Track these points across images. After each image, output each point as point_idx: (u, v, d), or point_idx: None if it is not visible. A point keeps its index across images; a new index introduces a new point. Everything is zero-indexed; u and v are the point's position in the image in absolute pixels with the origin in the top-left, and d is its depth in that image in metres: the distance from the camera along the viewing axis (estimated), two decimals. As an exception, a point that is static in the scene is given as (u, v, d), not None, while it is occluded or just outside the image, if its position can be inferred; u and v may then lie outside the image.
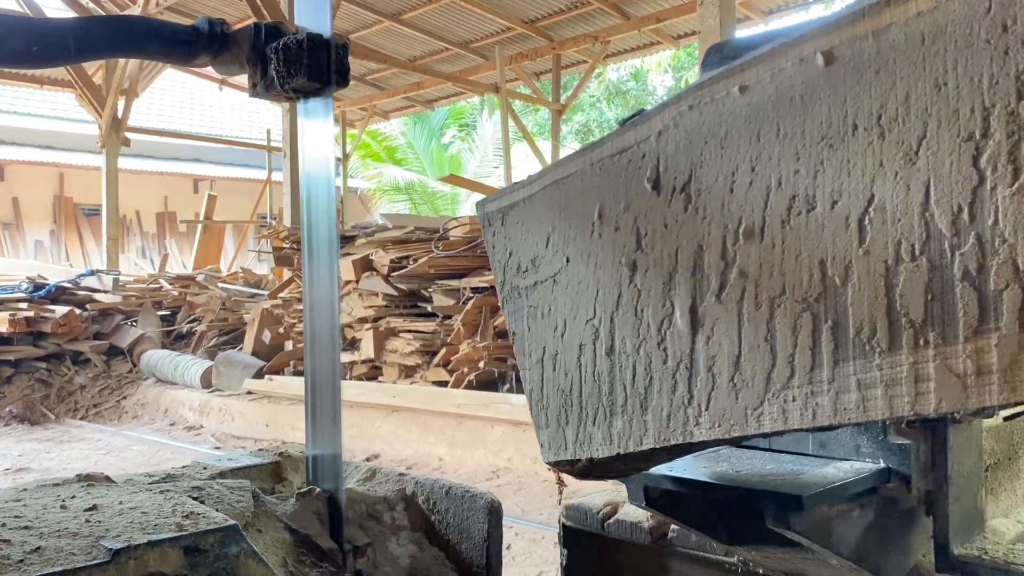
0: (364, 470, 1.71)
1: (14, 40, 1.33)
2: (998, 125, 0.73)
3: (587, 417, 1.07)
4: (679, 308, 0.95)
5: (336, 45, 1.46)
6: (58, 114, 19.34)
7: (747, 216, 0.89)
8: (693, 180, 0.94)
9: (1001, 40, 0.73)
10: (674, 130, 0.96)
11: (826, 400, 0.84)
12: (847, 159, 0.82)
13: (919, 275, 0.78)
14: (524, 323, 1.17)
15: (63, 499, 1.28)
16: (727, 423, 0.91)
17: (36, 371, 10.72)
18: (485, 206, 1.23)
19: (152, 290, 12.69)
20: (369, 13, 12.99)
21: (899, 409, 0.79)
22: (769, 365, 0.88)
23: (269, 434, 8.43)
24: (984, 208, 0.74)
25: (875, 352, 0.81)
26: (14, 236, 18.50)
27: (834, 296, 0.83)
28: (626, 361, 1.01)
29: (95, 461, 7.74)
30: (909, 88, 0.78)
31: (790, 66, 0.86)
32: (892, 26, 0.79)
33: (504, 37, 13.43)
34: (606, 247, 1.04)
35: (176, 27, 1.49)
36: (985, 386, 0.74)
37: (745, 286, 0.90)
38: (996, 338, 0.73)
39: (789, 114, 0.86)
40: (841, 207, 0.82)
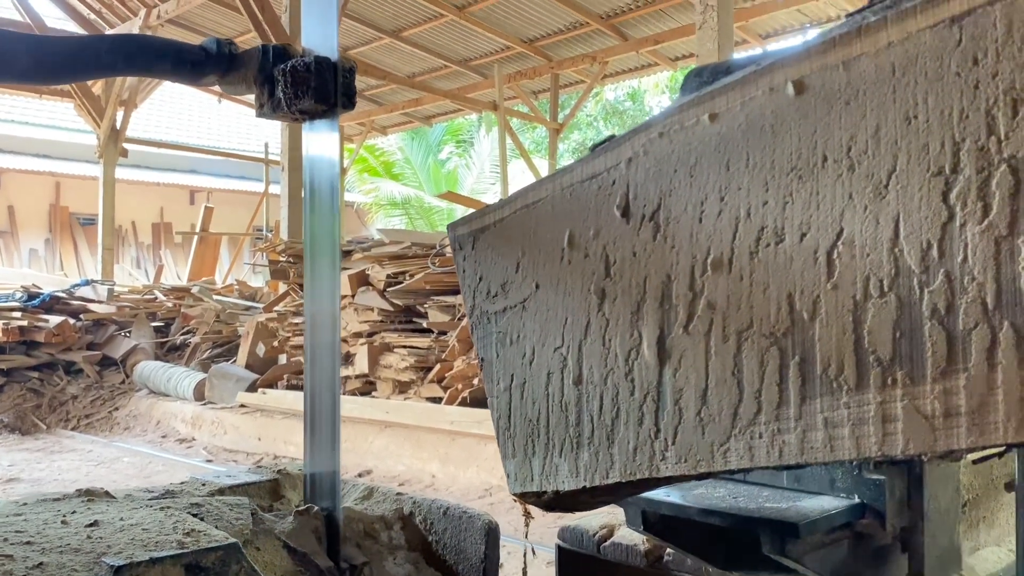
0: (361, 488, 1.71)
1: (23, 59, 1.34)
2: (968, 160, 0.71)
3: (554, 448, 1.05)
4: (647, 339, 0.93)
5: (343, 68, 1.46)
6: (56, 123, 19.36)
7: (715, 247, 0.87)
8: (662, 208, 0.92)
9: (971, 74, 0.71)
10: (644, 157, 0.93)
11: (793, 438, 0.81)
12: (816, 191, 0.80)
13: (887, 312, 0.75)
14: (493, 349, 1.15)
15: (64, 514, 1.29)
16: (693, 458, 0.88)
17: (28, 380, 10.67)
18: (456, 229, 1.21)
19: (146, 301, 12.65)
20: (370, 30, 13.04)
21: (866, 449, 0.76)
22: (736, 400, 0.85)
23: (261, 448, 8.38)
24: (953, 245, 0.72)
25: (842, 390, 0.78)
26: (9, 244, 18.46)
27: (802, 331, 0.81)
28: (593, 391, 0.99)
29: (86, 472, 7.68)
30: (879, 120, 0.76)
31: (760, 95, 0.84)
32: (862, 56, 0.77)
33: (503, 56, 13.49)
34: (575, 274, 1.01)
35: (184, 47, 1.50)
36: (953, 428, 0.72)
37: (713, 318, 0.87)
38: (964, 379, 0.71)
39: (759, 144, 0.84)
40: (810, 240, 0.80)
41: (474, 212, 1.19)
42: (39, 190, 18.93)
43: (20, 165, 18.32)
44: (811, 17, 11.65)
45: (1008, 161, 0.69)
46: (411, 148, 22.48)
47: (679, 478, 0.91)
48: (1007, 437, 0.69)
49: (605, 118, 26.26)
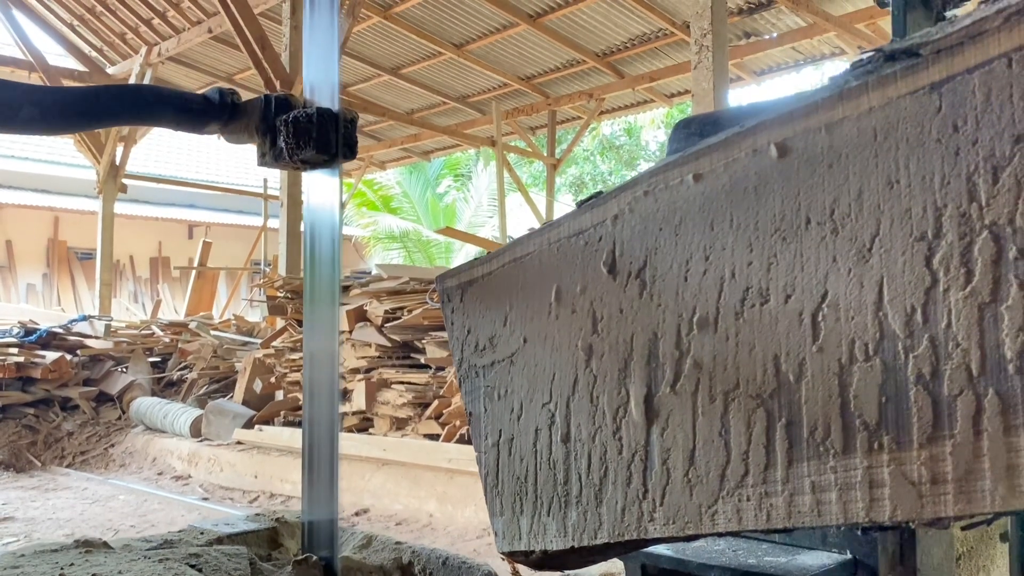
0: (360, 537, 1.70)
1: (27, 109, 1.36)
2: (950, 226, 0.71)
3: (542, 506, 1.04)
4: (634, 397, 0.93)
5: (345, 119, 1.47)
6: (55, 159, 19.48)
7: (701, 306, 0.87)
8: (648, 266, 0.92)
9: (952, 140, 0.71)
10: (630, 215, 0.94)
11: (780, 501, 0.80)
12: (800, 253, 0.80)
13: (873, 376, 0.75)
14: (481, 404, 1.14)
15: (61, 567, 1.28)
16: (682, 520, 0.88)
17: (24, 417, 10.61)
18: (445, 281, 1.21)
19: (144, 336, 12.63)
20: (369, 67, 13.16)
21: (854, 515, 0.76)
22: (724, 462, 0.85)
23: (258, 485, 8.32)
24: (937, 310, 0.72)
25: (829, 454, 0.78)
26: (6, 279, 18.46)
27: (788, 393, 0.80)
28: (581, 449, 0.98)
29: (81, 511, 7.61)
30: (862, 184, 0.76)
31: (744, 156, 0.84)
32: (845, 120, 0.78)
33: (501, 92, 13.60)
34: (563, 329, 1.01)
35: (186, 96, 1.51)
36: (940, 495, 0.71)
37: (699, 377, 0.87)
38: (951, 446, 0.70)
39: (742, 204, 0.84)
40: (795, 302, 0.80)
41: (462, 264, 1.19)
42: (37, 225, 18.99)
43: (19, 200, 18.39)
44: (805, 54, 11.77)
45: (990, 228, 0.69)
46: (409, 182, 22.63)
47: (667, 539, 0.90)
48: (995, 505, 0.68)
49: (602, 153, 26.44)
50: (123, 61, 13.57)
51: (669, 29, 11.00)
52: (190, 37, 12.41)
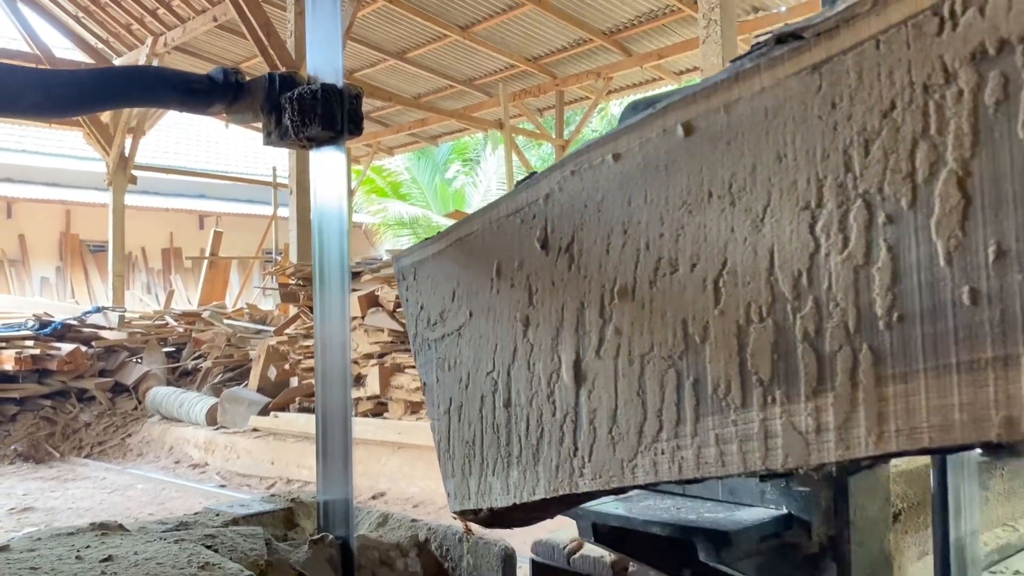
0: (376, 515, 1.71)
1: (32, 93, 1.35)
2: (830, 196, 0.78)
3: (488, 468, 1.12)
4: (565, 363, 1.00)
5: (350, 94, 1.47)
6: (65, 152, 19.67)
7: (621, 276, 0.94)
8: (576, 241, 0.99)
9: (831, 116, 0.78)
10: (559, 193, 1.01)
11: (690, 454, 0.88)
12: (704, 224, 0.87)
13: (766, 335, 0.82)
14: (433, 375, 1.22)
15: (78, 549, 1.28)
16: (607, 474, 0.95)
17: (41, 409, 10.78)
18: (400, 261, 1.29)
19: (157, 326, 12.76)
20: (374, 52, 13.21)
21: (752, 464, 0.83)
22: (641, 419, 0.92)
23: (274, 472, 8.44)
24: (820, 273, 0.79)
25: (730, 408, 0.85)
26: (20, 273, 18.71)
27: (695, 354, 0.88)
28: (521, 413, 1.06)
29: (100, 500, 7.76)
30: (755, 159, 0.83)
31: (655, 136, 0.91)
32: (740, 100, 0.84)
33: (508, 74, 13.62)
34: (503, 302, 1.09)
35: (191, 77, 1.51)
36: (824, 443, 0.79)
37: (620, 343, 0.94)
38: (832, 397, 0.78)
39: (655, 181, 0.91)
40: (699, 270, 0.87)
41: (415, 244, 1.27)
42: (49, 218, 19.23)
43: (30, 194, 18.62)
44: (814, 28, 11.69)
45: (863, 196, 0.76)
46: (418, 168, 22.70)
47: (596, 493, 0.98)
48: (869, 450, 0.75)
49: (612, 132, 26.33)
50: (129, 52, 13.69)
51: (676, 5, 10.98)
52: (195, 26, 12.50)
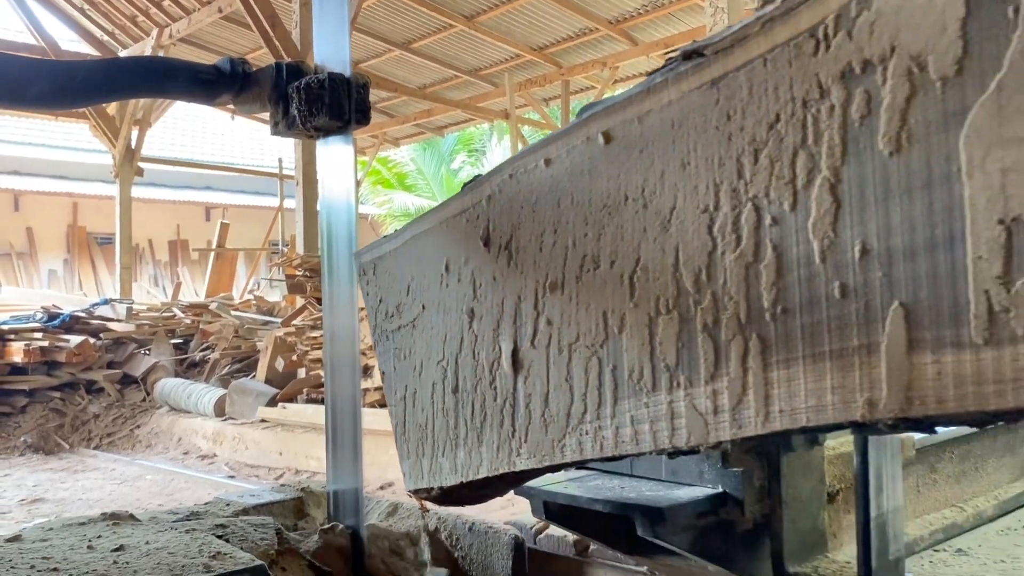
0: (386, 505, 1.72)
1: (39, 84, 1.36)
2: (725, 199, 0.87)
3: (438, 449, 1.21)
4: (504, 352, 1.10)
5: (357, 84, 1.48)
6: (72, 145, 19.84)
7: (552, 272, 1.03)
8: (514, 239, 1.08)
9: (726, 127, 0.87)
10: (499, 195, 1.10)
11: (609, 434, 0.97)
12: (621, 225, 0.96)
13: (673, 326, 0.92)
14: (391, 363, 1.32)
15: (89, 539, 1.30)
16: (540, 454, 1.05)
17: (50, 400, 10.85)
18: (361, 257, 1.39)
19: (165, 318, 12.84)
20: (380, 42, 13.26)
21: (661, 442, 0.93)
22: (569, 403, 1.02)
23: (283, 462, 8.52)
24: (717, 270, 0.88)
25: (643, 392, 0.94)
26: (28, 266, 18.91)
27: (613, 343, 0.97)
28: (466, 399, 1.16)
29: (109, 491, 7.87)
30: (664, 166, 0.92)
31: (580, 143, 1.00)
32: (651, 112, 0.94)
33: (513, 64, 13.66)
34: (451, 296, 1.18)
35: (198, 67, 1.52)
36: (720, 423, 0.88)
37: (551, 333, 1.04)
38: (726, 381, 0.87)
39: (580, 185, 1.00)
40: (617, 266, 0.97)
41: (375, 242, 1.36)
42: (57, 211, 19.41)
43: (38, 187, 18.80)
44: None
45: (752, 200, 0.85)
46: (423, 159, 22.77)
47: (532, 471, 1.08)
48: (757, 429, 0.85)
49: (622, 122, 26.31)
50: (135, 44, 13.79)
51: (682, -7, 11.01)
52: (200, 18, 12.58)
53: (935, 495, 1.73)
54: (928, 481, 1.71)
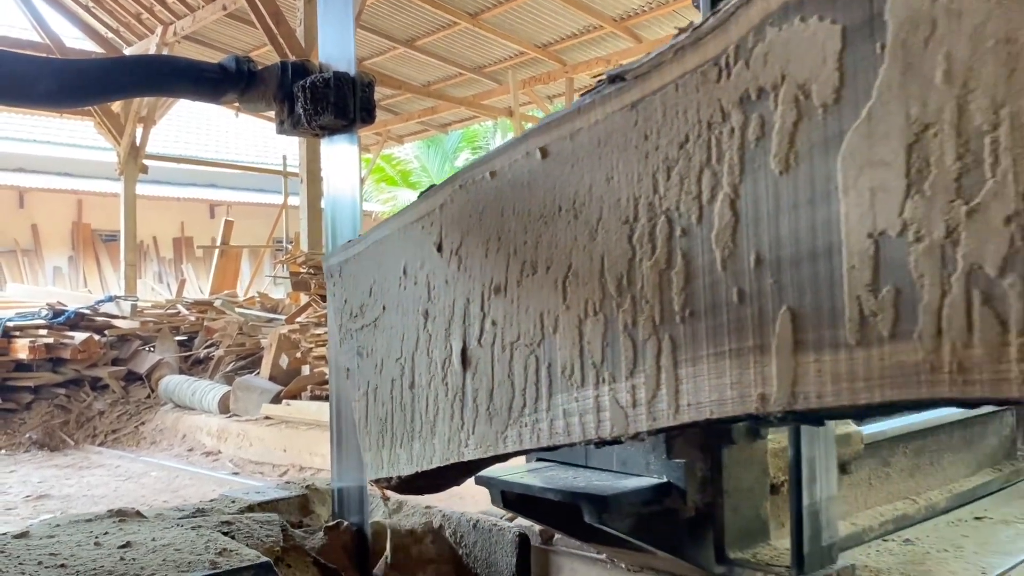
0: (391, 502, 1.73)
1: (46, 82, 1.39)
2: (643, 212, 0.96)
3: (396, 441, 1.31)
4: (455, 350, 1.19)
5: (362, 82, 1.50)
6: (77, 142, 20.02)
7: (496, 276, 1.13)
8: (463, 245, 1.18)
9: (644, 146, 0.96)
10: (451, 204, 1.20)
11: (545, 426, 1.07)
12: (555, 234, 1.06)
13: (599, 327, 1.01)
14: (355, 361, 1.42)
15: (96, 536, 1.31)
16: (485, 444, 1.14)
17: (55, 397, 10.99)
18: (329, 260, 1.48)
19: (170, 315, 12.95)
20: (383, 40, 13.37)
21: (589, 433, 1.02)
22: (511, 397, 1.11)
23: (287, 459, 8.62)
24: (635, 276, 0.97)
25: (574, 387, 1.04)
26: (33, 263, 19.10)
27: (549, 342, 1.07)
28: (421, 394, 1.25)
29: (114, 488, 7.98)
30: (592, 180, 1.02)
31: (521, 157, 1.10)
32: (581, 130, 1.03)
33: (517, 61, 13.76)
34: (408, 298, 1.28)
35: (203, 66, 1.54)
36: (638, 415, 0.97)
37: (496, 333, 1.13)
38: (643, 377, 0.96)
39: (521, 196, 1.10)
40: (551, 271, 1.06)
41: (342, 246, 1.46)
42: (61, 208, 19.60)
43: (42, 184, 18.99)
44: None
45: (666, 212, 0.94)
46: (427, 156, 22.89)
47: (479, 462, 1.17)
48: (669, 421, 0.94)
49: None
50: (139, 41, 13.93)
51: (685, -9, 11.07)
52: (205, 15, 12.71)
53: (888, 488, 1.81)
54: (881, 475, 1.79)
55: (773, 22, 0.84)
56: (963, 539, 1.71)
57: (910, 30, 0.75)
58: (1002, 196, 0.69)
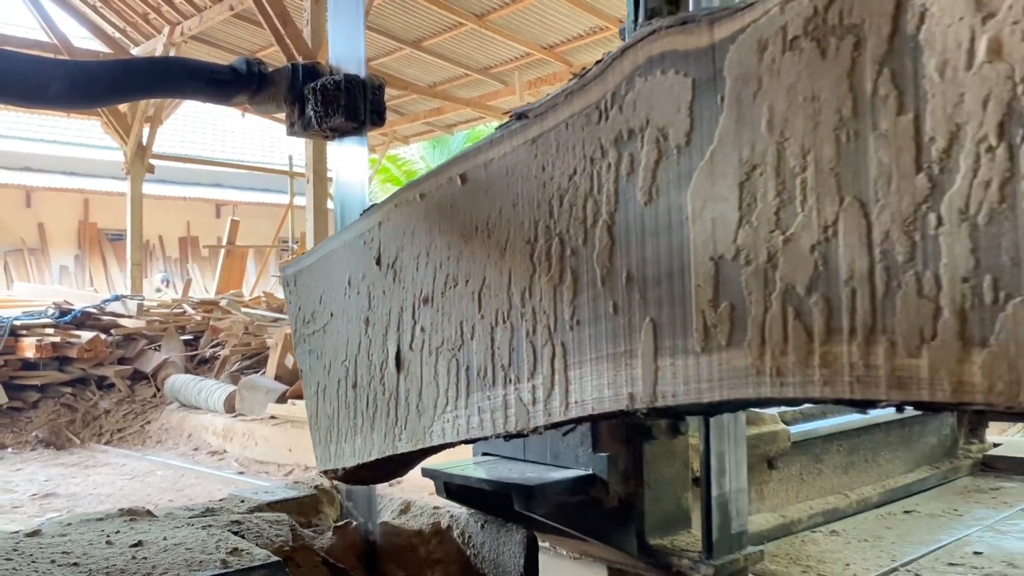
0: (398, 502, 1.77)
1: (58, 84, 1.40)
2: (541, 234, 1.12)
3: (341, 436, 1.47)
4: (390, 354, 1.35)
5: (372, 85, 1.54)
6: (84, 141, 20.28)
7: (424, 288, 1.28)
8: (398, 260, 1.33)
9: (542, 176, 1.12)
10: (387, 222, 1.35)
11: (463, 421, 1.22)
12: (473, 251, 1.21)
13: (507, 334, 1.16)
14: (307, 363, 1.58)
15: (108, 534, 1.35)
16: (415, 439, 1.30)
17: (62, 396, 11.10)
18: (285, 270, 1.64)
19: (175, 315, 13.07)
20: (390, 40, 13.52)
21: (498, 428, 1.17)
22: (436, 396, 1.26)
23: (292, 459, 8.74)
24: (535, 290, 1.12)
25: (487, 387, 1.19)
26: (40, 261, 19.37)
27: (467, 347, 1.22)
28: (362, 393, 1.41)
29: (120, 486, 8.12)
30: (501, 205, 1.17)
31: (445, 182, 1.25)
32: (493, 160, 1.18)
33: (523, 62, 13.89)
34: (352, 306, 1.43)
35: (214, 68, 1.56)
36: (537, 412, 1.12)
37: (424, 339, 1.28)
38: (541, 378, 1.11)
39: (446, 217, 1.25)
40: (470, 285, 1.21)
41: (298, 257, 1.61)
42: (68, 207, 19.86)
43: (49, 183, 19.25)
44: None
45: (558, 235, 1.09)
46: (433, 157, 23.03)
47: (411, 453, 1.32)
48: (561, 416, 1.09)
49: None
50: (146, 41, 14.13)
51: (689, -7, 11.17)
52: (212, 15, 12.87)
53: (820, 483, 1.96)
54: (813, 471, 1.94)
55: (640, 73, 0.99)
56: (886, 531, 1.85)
57: (742, 85, 0.90)
58: (809, 228, 0.84)
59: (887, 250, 0.78)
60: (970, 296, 0.72)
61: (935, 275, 0.74)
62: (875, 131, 0.78)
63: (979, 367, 0.72)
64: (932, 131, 0.75)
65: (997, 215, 0.71)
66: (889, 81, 0.78)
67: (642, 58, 0.99)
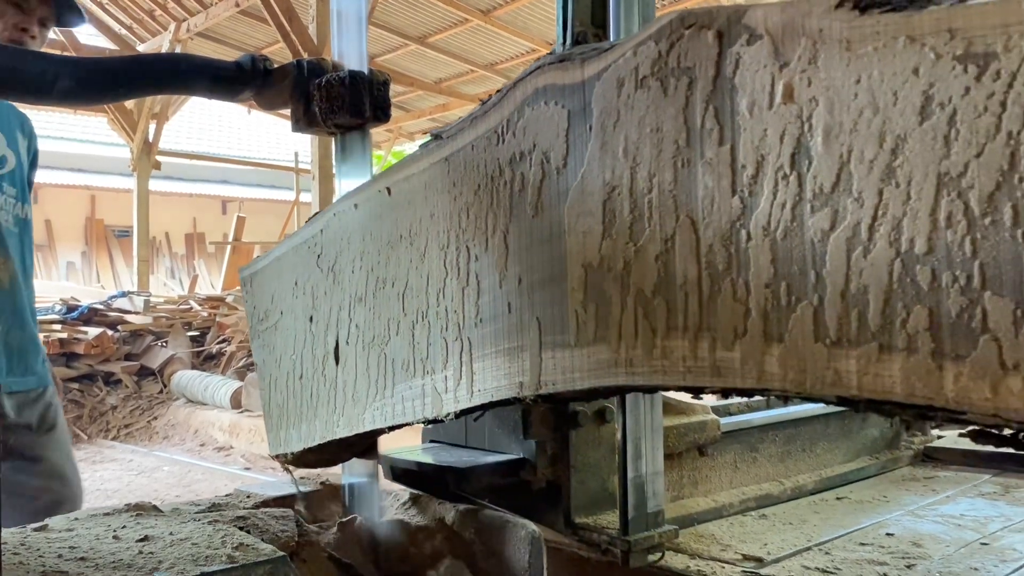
0: (405, 498, 1.78)
1: (64, 80, 1.44)
2: (452, 241, 1.28)
3: (290, 423, 1.63)
4: (330, 348, 1.51)
5: (377, 81, 1.58)
6: (90, 138, 20.57)
7: (358, 289, 1.45)
8: (337, 263, 1.50)
9: (454, 190, 1.28)
10: (328, 229, 1.52)
11: (389, 409, 1.38)
12: (398, 256, 1.37)
13: (426, 330, 1.32)
14: (261, 357, 1.74)
15: (114, 529, 1.38)
16: (351, 425, 1.46)
17: (69, 392, 11.26)
18: (243, 271, 1.81)
19: (182, 311, 13.25)
20: (396, 36, 13.69)
21: (418, 414, 1.33)
22: (367, 387, 1.43)
23: (298, 455, 8.90)
24: (447, 291, 1.29)
25: (409, 377, 1.35)
26: (47, 258, 19.67)
27: (393, 342, 1.38)
28: (307, 384, 1.58)
29: (127, 482, 8.29)
30: (421, 215, 1.33)
31: (375, 194, 1.41)
32: (413, 175, 1.34)
33: (529, 59, 14.00)
34: (298, 305, 1.60)
35: (220, 64, 1.60)
36: (448, 400, 1.29)
37: (358, 335, 1.45)
38: (452, 370, 1.28)
39: (375, 225, 1.41)
40: (395, 286, 1.37)
41: (255, 259, 1.78)
42: (75, 204, 20.16)
43: (56, 180, 19.53)
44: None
45: (466, 243, 1.26)
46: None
47: (350, 439, 1.49)
48: (468, 403, 1.25)
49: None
50: (152, 38, 14.35)
51: (695, -11, 11.30)
52: (218, 12, 13.08)
53: (755, 471, 2.10)
54: (748, 459, 2.09)
55: (529, 103, 1.15)
56: (813, 515, 2.00)
57: (606, 116, 1.05)
58: (654, 240, 1.00)
59: (711, 260, 0.93)
60: (771, 299, 0.88)
61: (746, 282, 0.90)
62: (703, 159, 0.94)
63: (776, 359, 0.88)
64: (744, 160, 0.90)
65: (790, 232, 0.87)
66: (713, 116, 0.93)
67: (530, 90, 1.15)
